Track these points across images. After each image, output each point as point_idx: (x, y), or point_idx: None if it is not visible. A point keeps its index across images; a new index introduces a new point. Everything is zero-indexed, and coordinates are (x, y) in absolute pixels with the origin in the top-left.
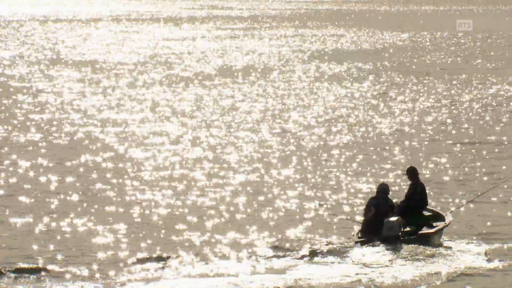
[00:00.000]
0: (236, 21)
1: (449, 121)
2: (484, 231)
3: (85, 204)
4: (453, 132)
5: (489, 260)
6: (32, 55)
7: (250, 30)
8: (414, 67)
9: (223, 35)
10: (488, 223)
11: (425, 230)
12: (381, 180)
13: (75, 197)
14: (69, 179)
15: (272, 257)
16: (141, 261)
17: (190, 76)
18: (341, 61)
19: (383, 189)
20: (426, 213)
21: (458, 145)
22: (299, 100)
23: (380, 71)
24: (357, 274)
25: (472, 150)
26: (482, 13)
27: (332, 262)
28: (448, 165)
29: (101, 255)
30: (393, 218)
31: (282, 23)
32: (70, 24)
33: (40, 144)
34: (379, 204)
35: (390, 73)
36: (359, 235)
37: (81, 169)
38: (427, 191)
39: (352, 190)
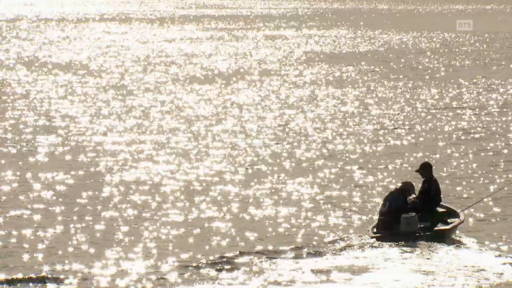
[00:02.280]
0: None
1: (463, 122)
2: (497, 230)
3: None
4: (464, 130)
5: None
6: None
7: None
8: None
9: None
10: (501, 222)
11: (440, 227)
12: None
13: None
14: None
15: (284, 255)
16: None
17: (188, 78)
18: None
19: (404, 188)
20: (439, 209)
21: (469, 143)
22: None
23: (389, 73)
24: (374, 270)
25: (483, 149)
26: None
27: (347, 258)
28: (460, 163)
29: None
30: (411, 214)
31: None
32: (58, 24)
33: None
34: (394, 200)
35: (396, 75)
36: (374, 231)
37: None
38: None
39: (365, 189)
